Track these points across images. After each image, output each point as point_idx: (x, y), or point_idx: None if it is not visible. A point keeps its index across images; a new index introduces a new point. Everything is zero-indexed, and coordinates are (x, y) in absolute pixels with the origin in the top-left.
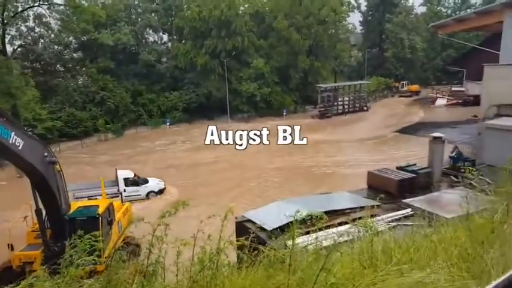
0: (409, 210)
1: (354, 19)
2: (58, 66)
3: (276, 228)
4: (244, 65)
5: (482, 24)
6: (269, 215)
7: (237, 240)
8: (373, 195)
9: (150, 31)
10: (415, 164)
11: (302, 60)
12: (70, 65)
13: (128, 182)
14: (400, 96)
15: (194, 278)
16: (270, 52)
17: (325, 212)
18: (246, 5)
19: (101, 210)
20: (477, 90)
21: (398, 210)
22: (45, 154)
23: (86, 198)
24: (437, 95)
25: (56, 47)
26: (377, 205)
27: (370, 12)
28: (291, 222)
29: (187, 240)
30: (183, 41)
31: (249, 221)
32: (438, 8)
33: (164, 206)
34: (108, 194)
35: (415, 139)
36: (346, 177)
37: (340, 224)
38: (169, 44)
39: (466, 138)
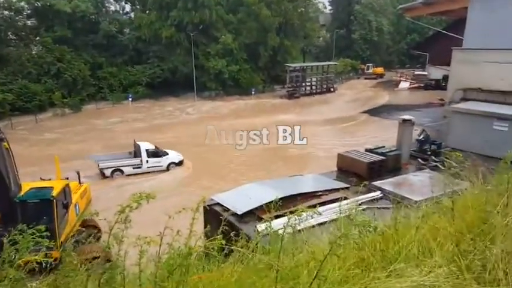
0: (378, 192)
1: None
2: (9, 34)
3: (247, 212)
4: (212, 40)
5: (449, 8)
6: (239, 198)
7: (205, 226)
8: (343, 177)
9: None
10: (383, 146)
11: (272, 37)
12: (23, 33)
13: (149, 153)
14: (366, 79)
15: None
16: (239, 28)
17: (297, 195)
18: None
19: (55, 192)
20: (438, 74)
21: (368, 192)
22: None
23: (109, 169)
24: (401, 78)
25: (5, 12)
26: (347, 187)
27: None
28: (262, 205)
29: (152, 237)
30: (147, 12)
31: (218, 204)
32: None
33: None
34: (131, 165)
35: (380, 121)
36: (316, 158)
37: (310, 207)
38: (132, 15)
39: (428, 121)
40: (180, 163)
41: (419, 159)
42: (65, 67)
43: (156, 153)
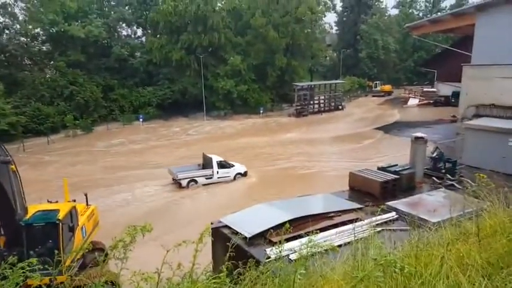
0: (393, 213)
1: (330, 19)
2: (25, 58)
3: (255, 235)
4: (221, 61)
5: (455, 26)
6: (248, 220)
7: (213, 249)
8: (356, 197)
9: (124, 25)
10: (396, 165)
11: (279, 58)
12: (37, 58)
13: (219, 164)
14: (373, 96)
15: None
16: (247, 49)
17: (308, 216)
18: (223, 1)
19: (61, 215)
20: (448, 90)
21: (381, 213)
22: None
23: (186, 180)
24: (410, 95)
25: (22, 38)
26: (360, 208)
27: (345, 13)
28: (271, 228)
29: (149, 272)
30: (158, 36)
31: (226, 226)
32: (410, 11)
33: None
34: (204, 176)
35: (391, 138)
36: (327, 176)
37: (323, 230)
38: (144, 39)
39: (440, 138)
40: (245, 174)
41: (434, 178)
42: (78, 90)
43: (224, 165)
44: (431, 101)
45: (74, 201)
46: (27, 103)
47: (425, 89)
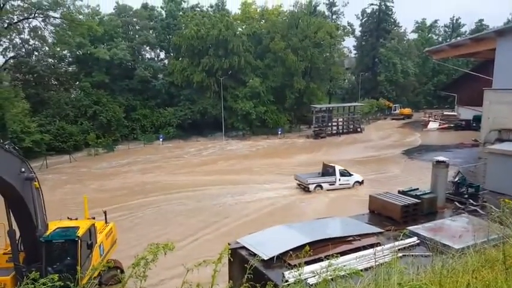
0: (415, 238)
1: (348, 43)
2: (51, 79)
3: (273, 257)
4: (241, 83)
5: (475, 50)
6: (266, 242)
7: (229, 270)
8: (376, 221)
9: (147, 48)
10: (417, 189)
11: (297, 81)
12: (63, 79)
13: (341, 173)
14: (393, 119)
15: None
16: (266, 72)
17: (326, 239)
18: (244, 26)
19: (81, 232)
20: (468, 114)
21: (403, 238)
22: (22, 169)
23: (313, 185)
24: (430, 119)
25: (50, 60)
26: (380, 232)
27: (364, 37)
28: (290, 250)
29: None
30: (180, 58)
31: (243, 247)
32: (429, 35)
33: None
34: (328, 182)
35: (413, 162)
36: (348, 198)
37: (342, 254)
38: (166, 61)
39: (462, 163)
40: (362, 182)
41: (456, 203)
42: (101, 109)
43: (344, 174)
44: (452, 125)
45: (94, 218)
46: (52, 121)
47: (445, 113)
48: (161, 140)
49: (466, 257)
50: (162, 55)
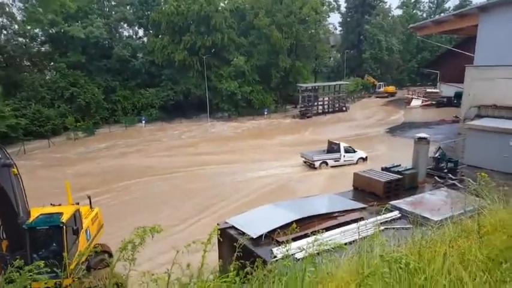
0: (396, 212)
1: (334, 20)
2: (24, 59)
3: (262, 235)
4: (224, 62)
5: (459, 26)
6: (254, 221)
7: (219, 250)
8: (360, 197)
9: (125, 25)
10: (399, 165)
11: (283, 59)
12: (37, 59)
13: (345, 150)
14: (377, 97)
15: None
16: (250, 50)
17: (313, 216)
18: (226, 1)
19: (65, 217)
20: (450, 91)
21: (385, 212)
22: None
23: (319, 162)
24: (413, 96)
25: (20, 39)
26: (363, 207)
27: (349, 14)
28: (277, 228)
29: (159, 273)
30: (160, 36)
31: (233, 227)
32: (414, 11)
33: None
34: (333, 159)
35: (396, 139)
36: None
37: (328, 229)
38: (145, 39)
39: (442, 139)
40: (366, 159)
41: (436, 178)
42: (79, 91)
43: (349, 150)
44: (434, 102)
45: (78, 203)
46: (27, 105)
47: (428, 90)
48: (144, 122)
49: (444, 228)
50: (141, 33)
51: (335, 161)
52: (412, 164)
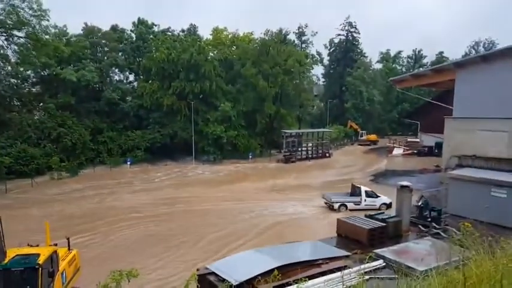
0: (381, 261)
1: (317, 71)
2: (14, 99)
3: (243, 282)
4: (212, 107)
5: (436, 80)
6: (235, 267)
7: None
8: (344, 244)
9: (116, 70)
10: (383, 212)
11: (268, 106)
12: (27, 99)
13: (367, 194)
14: (360, 145)
15: None
16: (237, 97)
17: (296, 263)
18: (216, 52)
19: (42, 259)
20: (431, 141)
21: (369, 261)
22: None
23: (337, 204)
24: (394, 145)
25: (12, 80)
26: (347, 255)
27: (332, 66)
28: (259, 275)
29: None
30: (150, 81)
31: (213, 273)
32: (393, 65)
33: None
34: (353, 202)
35: (379, 187)
36: (318, 221)
37: (311, 277)
38: (135, 84)
39: (425, 187)
40: (390, 205)
41: (420, 226)
42: (66, 132)
43: (371, 195)
44: (415, 151)
45: (56, 245)
46: (13, 144)
47: (409, 139)
48: (129, 163)
49: (429, 279)
50: (132, 77)
51: (355, 204)
52: (395, 212)
